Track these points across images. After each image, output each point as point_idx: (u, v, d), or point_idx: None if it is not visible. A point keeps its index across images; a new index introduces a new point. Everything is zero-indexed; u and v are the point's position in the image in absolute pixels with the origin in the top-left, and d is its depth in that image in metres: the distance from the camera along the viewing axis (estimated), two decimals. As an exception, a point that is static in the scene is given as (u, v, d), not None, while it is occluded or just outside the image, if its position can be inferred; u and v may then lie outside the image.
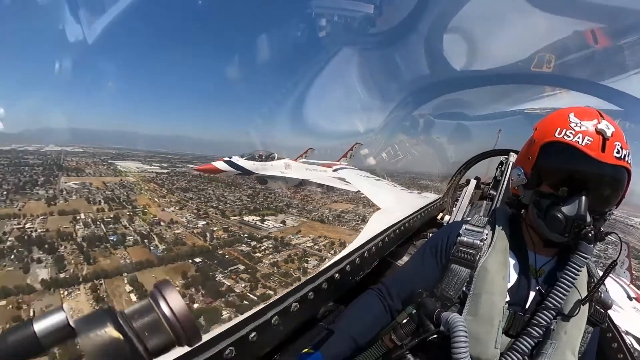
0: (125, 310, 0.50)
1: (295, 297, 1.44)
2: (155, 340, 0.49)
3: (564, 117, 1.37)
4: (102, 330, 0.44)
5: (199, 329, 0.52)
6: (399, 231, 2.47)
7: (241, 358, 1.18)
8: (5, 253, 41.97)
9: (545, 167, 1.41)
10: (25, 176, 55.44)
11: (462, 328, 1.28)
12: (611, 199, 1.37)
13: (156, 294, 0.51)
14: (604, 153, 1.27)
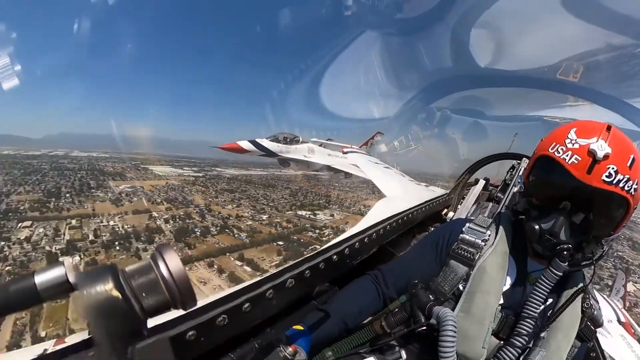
0: (126, 268, 0.51)
1: (291, 274, 1.46)
2: (152, 300, 0.50)
3: (565, 132, 1.35)
4: (101, 287, 0.45)
5: (195, 294, 0.53)
6: (401, 221, 2.47)
7: (233, 326, 1.21)
8: (108, 245, 47.21)
9: (535, 180, 1.44)
10: (74, 180, 59.21)
11: (451, 323, 1.30)
12: (602, 224, 1.34)
13: (157, 256, 0.52)
14: (589, 175, 1.24)
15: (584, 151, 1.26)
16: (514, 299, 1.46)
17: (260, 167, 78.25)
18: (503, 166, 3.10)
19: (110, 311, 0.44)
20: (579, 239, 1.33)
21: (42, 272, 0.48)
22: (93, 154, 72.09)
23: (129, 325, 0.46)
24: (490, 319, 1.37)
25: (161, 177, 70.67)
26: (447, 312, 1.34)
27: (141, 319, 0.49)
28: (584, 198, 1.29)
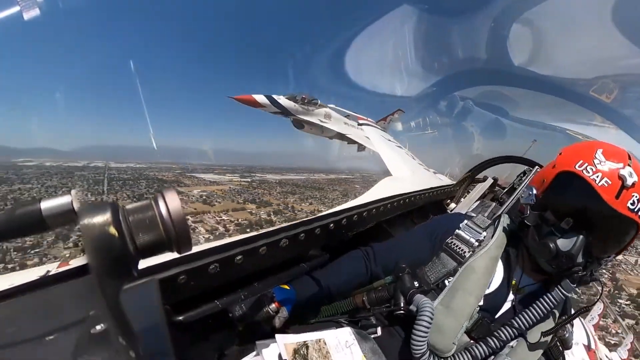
0: (127, 206, 0.51)
1: (287, 234, 1.47)
2: (148, 240, 0.50)
3: (591, 151, 1.31)
4: (99, 220, 0.44)
5: (191, 239, 0.53)
6: (403, 202, 2.47)
7: (223, 275, 1.24)
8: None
9: (556, 195, 1.39)
10: (145, 187, 59.27)
11: (428, 314, 1.33)
12: (610, 247, 1.36)
13: (158, 197, 0.52)
14: (617, 200, 1.23)
15: (614, 175, 1.24)
16: (494, 303, 1.48)
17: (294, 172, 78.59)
18: (514, 169, 3.05)
19: (105, 247, 0.44)
20: (586, 259, 1.33)
21: (48, 199, 0.48)
22: (130, 165, 72.35)
23: (121, 263, 0.46)
24: (467, 317, 1.39)
25: (217, 182, 71.34)
26: (426, 302, 1.37)
27: (134, 259, 0.49)
28: (604, 221, 1.28)
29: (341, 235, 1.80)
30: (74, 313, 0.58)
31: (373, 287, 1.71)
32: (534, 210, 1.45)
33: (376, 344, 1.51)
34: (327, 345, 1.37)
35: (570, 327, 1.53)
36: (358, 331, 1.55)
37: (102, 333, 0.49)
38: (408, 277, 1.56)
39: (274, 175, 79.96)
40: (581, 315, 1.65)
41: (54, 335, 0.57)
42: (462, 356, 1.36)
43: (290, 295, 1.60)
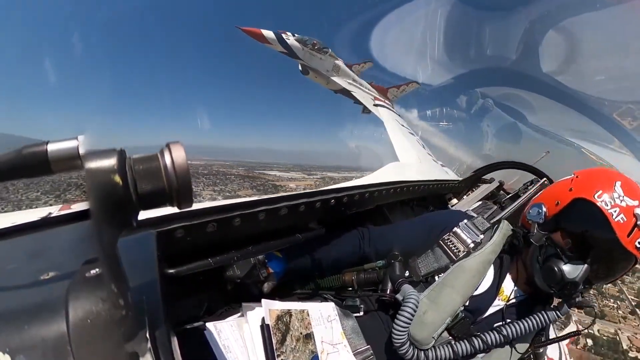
0: (134, 156, 0.50)
1: (287, 204, 1.48)
2: (150, 191, 0.49)
3: (611, 182, 1.31)
4: (105, 167, 0.44)
5: (193, 195, 0.52)
6: (406, 189, 2.45)
7: (219, 235, 1.25)
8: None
9: (569, 220, 1.39)
10: (221, 182, 58.20)
11: (413, 305, 1.35)
12: (608, 277, 1.40)
13: (165, 150, 0.51)
14: (628, 238, 1.24)
15: (630, 213, 1.25)
16: (479, 306, 1.50)
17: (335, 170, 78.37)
18: (522, 176, 3.02)
19: (107, 194, 0.44)
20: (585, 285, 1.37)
21: (55, 142, 0.48)
22: (192, 162, 71.10)
23: (122, 212, 0.46)
24: (451, 315, 1.41)
25: (292, 179, 70.84)
26: (413, 294, 1.39)
27: (135, 209, 0.48)
28: (612, 254, 1.31)
29: (340, 213, 1.80)
30: (71, 255, 0.59)
31: (363, 269, 1.73)
32: (541, 229, 1.44)
33: (357, 324, 1.54)
34: (309, 317, 1.41)
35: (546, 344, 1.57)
36: (341, 308, 1.58)
37: (96, 278, 0.49)
38: (399, 265, 1.58)
39: (336, 173, 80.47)
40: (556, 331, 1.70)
41: (49, 274, 0.58)
42: (443, 349, 1.39)
43: (281, 263, 1.63)
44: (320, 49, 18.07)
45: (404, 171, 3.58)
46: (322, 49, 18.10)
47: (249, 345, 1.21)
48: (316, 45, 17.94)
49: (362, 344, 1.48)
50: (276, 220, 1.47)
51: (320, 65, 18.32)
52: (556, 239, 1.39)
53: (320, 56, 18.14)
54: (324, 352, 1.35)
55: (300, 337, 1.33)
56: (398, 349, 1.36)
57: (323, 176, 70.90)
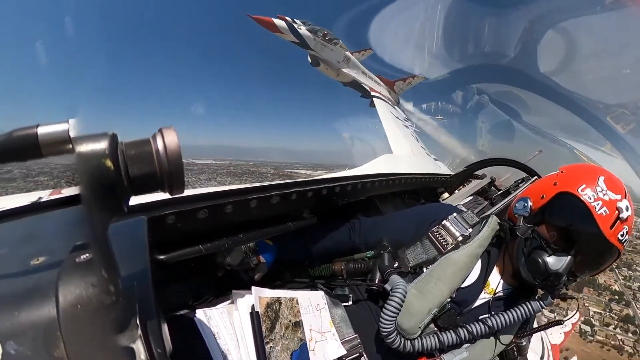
0: (126, 140, 0.50)
1: (279, 192, 1.48)
2: (141, 176, 0.49)
3: (594, 177, 1.35)
4: (97, 152, 0.43)
5: (184, 182, 0.52)
6: (398, 182, 2.46)
7: (211, 222, 1.25)
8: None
9: (553, 214, 1.42)
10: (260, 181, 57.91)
11: (400, 295, 1.38)
12: (592, 269, 1.43)
13: (157, 134, 0.50)
14: (611, 230, 1.28)
15: (613, 206, 1.29)
16: (465, 298, 1.53)
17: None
18: (514, 174, 3.05)
19: (98, 179, 0.43)
20: (569, 277, 1.40)
21: (46, 125, 0.47)
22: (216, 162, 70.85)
23: (113, 197, 0.45)
24: (437, 306, 1.44)
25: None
26: (401, 284, 1.42)
27: (126, 194, 0.48)
28: (594, 246, 1.34)
29: (332, 202, 1.81)
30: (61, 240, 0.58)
31: (353, 259, 1.75)
32: (527, 222, 1.47)
33: (346, 313, 1.56)
34: (299, 305, 1.42)
35: (529, 337, 1.60)
36: (331, 297, 1.60)
37: (86, 263, 0.49)
38: (389, 255, 1.60)
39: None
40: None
41: (39, 259, 0.57)
42: (429, 339, 1.42)
43: (272, 251, 1.64)
44: (331, 39, 17.71)
45: (396, 163, 3.59)
46: (332, 40, 17.75)
47: (238, 332, 1.22)
48: (327, 36, 17.58)
49: (350, 332, 1.50)
50: (268, 208, 1.47)
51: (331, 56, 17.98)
52: (541, 232, 1.43)
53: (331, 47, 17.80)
54: (312, 340, 1.37)
55: (290, 325, 1.34)
56: (385, 338, 1.39)
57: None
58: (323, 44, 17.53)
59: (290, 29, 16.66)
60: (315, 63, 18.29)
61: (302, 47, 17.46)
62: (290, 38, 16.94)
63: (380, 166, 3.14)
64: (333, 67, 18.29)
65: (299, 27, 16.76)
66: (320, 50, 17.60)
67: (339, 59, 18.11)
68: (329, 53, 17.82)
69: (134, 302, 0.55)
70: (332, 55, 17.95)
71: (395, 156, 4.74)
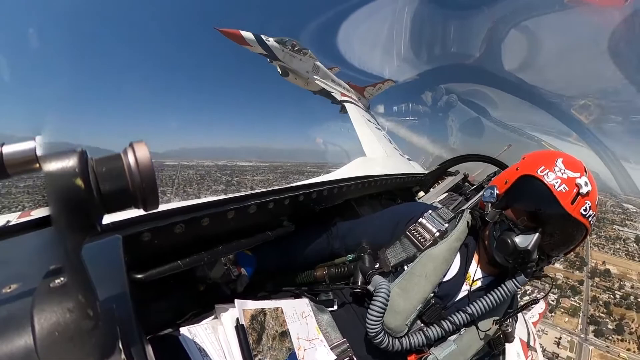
0: (95, 157, 0.48)
1: (256, 201, 1.46)
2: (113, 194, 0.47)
3: (553, 159, 1.42)
4: (66, 171, 0.41)
5: (159, 197, 0.50)
6: (374, 184, 2.49)
7: (188, 236, 1.22)
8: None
9: (516, 196, 1.48)
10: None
11: (384, 295, 1.40)
12: (561, 246, 1.47)
13: (128, 149, 0.49)
14: (572, 205, 1.34)
15: (572, 183, 1.35)
16: (448, 291, 1.55)
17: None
18: (486, 168, 3.14)
19: (69, 199, 0.41)
20: (539, 255, 1.44)
21: (11, 144, 0.44)
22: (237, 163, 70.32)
23: (85, 217, 0.43)
24: (421, 302, 1.46)
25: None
26: (384, 284, 1.44)
27: (98, 213, 0.46)
28: (559, 223, 1.39)
29: (309, 208, 1.81)
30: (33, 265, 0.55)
31: (334, 263, 1.75)
32: (494, 207, 1.53)
33: (332, 318, 1.56)
34: (284, 314, 1.40)
35: (514, 323, 1.64)
36: (315, 304, 1.59)
37: (61, 287, 0.46)
38: (369, 257, 1.62)
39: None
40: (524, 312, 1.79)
41: (11, 287, 0.54)
42: (416, 336, 1.44)
43: (252, 261, 1.62)
44: (300, 49, 17.79)
45: (371, 166, 3.63)
46: (301, 50, 17.83)
47: (225, 347, 1.19)
48: (295, 46, 17.63)
49: (338, 337, 1.50)
50: (245, 218, 1.45)
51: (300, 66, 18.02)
52: (508, 215, 1.47)
53: (300, 57, 17.86)
54: (301, 349, 1.36)
55: (276, 335, 1.32)
56: (373, 339, 1.39)
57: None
58: (291, 54, 17.61)
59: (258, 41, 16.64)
60: (285, 73, 18.35)
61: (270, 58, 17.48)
62: (258, 50, 16.92)
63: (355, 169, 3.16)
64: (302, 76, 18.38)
65: (266, 39, 16.78)
66: (289, 61, 17.68)
67: (307, 69, 18.22)
68: (297, 63, 17.92)
69: (115, 325, 0.53)
70: (301, 65, 18.06)
71: (369, 159, 4.79)
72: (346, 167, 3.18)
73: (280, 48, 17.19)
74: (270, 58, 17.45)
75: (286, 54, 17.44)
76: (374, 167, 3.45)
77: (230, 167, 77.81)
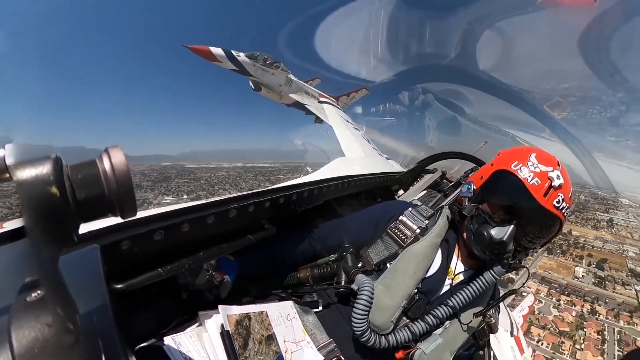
0: (70, 164, 0.46)
1: (236, 205, 1.45)
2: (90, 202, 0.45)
3: (526, 154, 1.48)
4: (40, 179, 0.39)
5: (136, 204, 0.49)
6: (353, 184, 2.50)
7: (168, 243, 1.19)
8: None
9: (492, 190, 1.53)
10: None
11: (368, 293, 1.41)
12: (537, 238, 1.52)
13: (103, 155, 0.47)
14: (545, 197, 1.39)
15: (545, 177, 1.40)
16: (432, 287, 1.58)
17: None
18: (463, 165, 3.20)
19: (44, 208, 0.39)
20: (515, 247, 1.49)
21: None
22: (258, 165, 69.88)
23: (61, 227, 0.42)
24: (405, 298, 1.48)
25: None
26: (367, 282, 1.45)
27: (75, 223, 0.44)
28: (533, 215, 1.43)
29: (290, 210, 1.80)
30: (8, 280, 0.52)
31: (317, 264, 1.75)
32: (471, 202, 1.57)
33: (317, 319, 1.55)
34: (269, 318, 1.39)
35: (497, 314, 1.68)
36: (300, 306, 1.58)
37: (38, 302, 0.44)
38: (351, 256, 1.62)
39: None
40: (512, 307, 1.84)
41: None
42: (402, 332, 1.46)
43: (234, 266, 1.60)
44: (272, 63, 17.46)
45: (350, 166, 3.64)
46: (273, 64, 17.51)
47: (211, 355, 1.17)
48: (267, 60, 17.27)
49: (324, 338, 1.50)
50: (226, 222, 1.44)
51: (273, 80, 17.72)
52: (485, 209, 1.52)
53: (272, 71, 17.53)
54: (288, 351, 1.35)
55: (262, 339, 1.31)
56: (360, 337, 1.40)
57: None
58: (263, 69, 17.30)
59: (228, 56, 16.25)
60: (257, 88, 18.05)
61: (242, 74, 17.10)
62: (229, 66, 16.49)
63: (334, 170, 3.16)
64: (275, 90, 18.14)
65: (237, 55, 16.42)
66: (261, 75, 17.40)
67: (280, 82, 18.01)
68: (270, 77, 17.64)
69: (97, 338, 0.51)
70: (274, 79, 17.84)
71: (349, 159, 4.81)
72: (325, 167, 3.19)
73: (251, 63, 16.90)
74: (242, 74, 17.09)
75: (258, 68, 17.14)
76: (353, 167, 3.46)
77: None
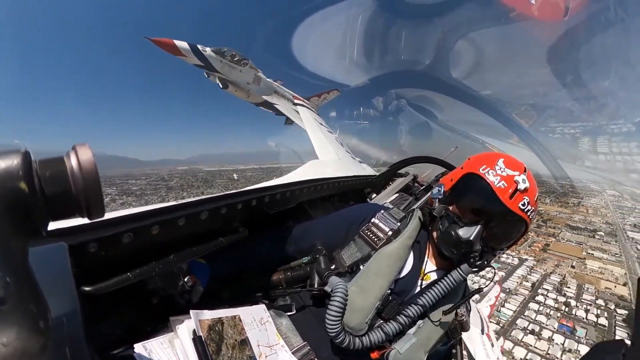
0: (39, 159, 0.44)
1: (208, 207, 1.43)
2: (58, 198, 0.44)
3: (494, 159, 1.55)
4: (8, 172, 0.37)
5: (104, 205, 0.48)
6: (326, 186, 2.52)
7: (137, 245, 1.15)
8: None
9: (460, 192, 1.59)
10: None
11: (342, 294, 1.42)
12: (503, 239, 1.58)
13: (71, 152, 0.46)
14: (510, 200, 1.45)
15: (511, 180, 1.47)
16: (405, 287, 1.61)
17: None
18: (434, 169, 3.29)
19: (12, 204, 0.37)
20: (483, 248, 1.53)
21: None
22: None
23: (30, 222, 0.40)
24: (379, 299, 1.50)
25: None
26: (340, 284, 1.46)
27: (44, 220, 0.43)
28: (500, 217, 1.49)
29: (263, 213, 1.80)
30: None
31: (290, 267, 1.75)
32: (441, 203, 1.62)
33: (291, 322, 1.55)
34: (242, 322, 1.37)
35: (467, 313, 1.73)
36: (273, 309, 1.57)
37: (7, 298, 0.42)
38: (324, 258, 1.63)
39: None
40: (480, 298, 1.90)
41: None
42: (376, 333, 1.48)
43: (206, 269, 1.57)
44: (240, 60, 16.76)
45: (323, 169, 3.67)
46: (241, 61, 16.82)
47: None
48: (235, 57, 16.60)
49: (299, 341, 1.49)
50: (197, 225, 1.41)
51: (240, 78, 17.15)
52: (453, 210, 1.57)
53: (240, 68, 16.92)
54: (262, 356, 1.33)
55: (236, 344, 1.28)
56: (334, 339, 1.41)
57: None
58: (231, 65, 16.59)
59: (193, 51, 15.49)
60: (224, 85, 17.29)
61: (207, 70, 16.29)
62: (194, 61, 15.65)
63: (307, 172, 3.18)
64: (243, 88, 17.41)
65: (203, 49, 15.74)
66: (228, 72, 16.78)
67: (248, 80, 17.47)
68: (237, 74, 17.04)
69: (64, 345, 0.48)
70: (241, 77, 17.28)
71: (321, 162, 4.83)
72: (298, 170, 3.19)
73: (218, 58, 16.23)
74: (208, 69, 16.38)
75: (225, 64, 16.51)
76: (326, 170, 3.48)
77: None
